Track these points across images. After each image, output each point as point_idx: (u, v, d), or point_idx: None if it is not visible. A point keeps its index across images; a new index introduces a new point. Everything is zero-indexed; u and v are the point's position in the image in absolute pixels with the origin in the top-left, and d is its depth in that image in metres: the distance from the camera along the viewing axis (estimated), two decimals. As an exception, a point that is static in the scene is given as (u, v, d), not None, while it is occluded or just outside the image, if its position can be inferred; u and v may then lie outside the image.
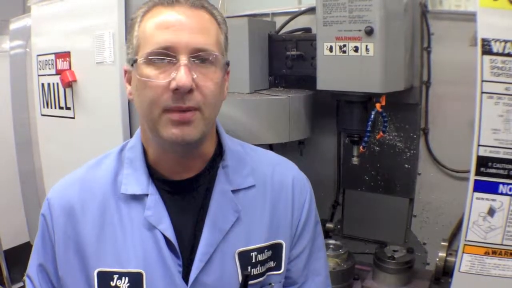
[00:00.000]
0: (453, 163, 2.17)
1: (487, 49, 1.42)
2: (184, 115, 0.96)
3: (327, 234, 2.40)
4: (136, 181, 1.06)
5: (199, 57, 0.97)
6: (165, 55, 0.96)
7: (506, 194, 1.47)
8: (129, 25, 1.06)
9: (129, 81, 1.07)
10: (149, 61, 0.97)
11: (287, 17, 2.40)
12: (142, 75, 0.97)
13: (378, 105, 1.89)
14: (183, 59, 0.95)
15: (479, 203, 1.49)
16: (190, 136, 0.97)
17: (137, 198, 1.05)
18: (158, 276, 1.02)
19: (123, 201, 1.06)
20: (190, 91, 0.94)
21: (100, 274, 1.02)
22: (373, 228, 2.42)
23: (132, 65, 1.01)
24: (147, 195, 1.05)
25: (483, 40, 1.43)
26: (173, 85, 0.94)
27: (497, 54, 1.42)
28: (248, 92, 2.07)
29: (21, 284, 3.15)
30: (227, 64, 1.06)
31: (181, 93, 0.94)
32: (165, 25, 0.97)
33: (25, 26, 2.65)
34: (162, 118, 0.97)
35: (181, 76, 0.93)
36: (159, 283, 1.02)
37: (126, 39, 1.14)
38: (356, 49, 1.82)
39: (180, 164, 1.07)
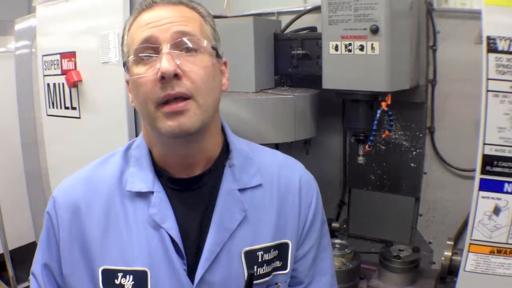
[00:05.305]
0: (459, 161, 2.16)
1: (492, 47, 1.42)
2: (176, 105, 0.96)
3: (333, 233, 2.40)
4: (142, 178, 1.07)
5: (182, 44, 0.99)
6: (149, 48, 0.98)
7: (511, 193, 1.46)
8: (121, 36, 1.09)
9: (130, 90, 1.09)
10: (137, 59, 1.00)
11: (292, 16, 2.39)
12: (133, 74, 1.00)
13: (383, 104, 1.87)
14: (165, 48, 0.97)
15: (485, 202, 1.49)
16: (187, 125, 0.97)
17: (143, 196, 1.06)
18: (163, 275, 1.02)
19: (129, 199, 1.06)
20: (178, 77, 0.96)
21: (104, 271, 1.03)
22: (379, 227, 2.41)
23: (127, 70, 1.04)
24: (152, 192, 1.05)
25: (488, 38, 1.42)
26: (159, 74, 0.95)
27: (502, 52, 1.41)
28: (254, 91, 2.07)
29: (26, 284, 3.16)
30: (219, 54, 1.08)
31: (167, 80, 0.95)
32: (145, 23, 1.01)
33: (31, 26, 2.66)
34: (158, 113, 0.98)
35: (163, 62, 0.95)
36: (164, 281, 1.02)
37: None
38: (361, 48, 1.82)
39: (184, 161, 1.07)
